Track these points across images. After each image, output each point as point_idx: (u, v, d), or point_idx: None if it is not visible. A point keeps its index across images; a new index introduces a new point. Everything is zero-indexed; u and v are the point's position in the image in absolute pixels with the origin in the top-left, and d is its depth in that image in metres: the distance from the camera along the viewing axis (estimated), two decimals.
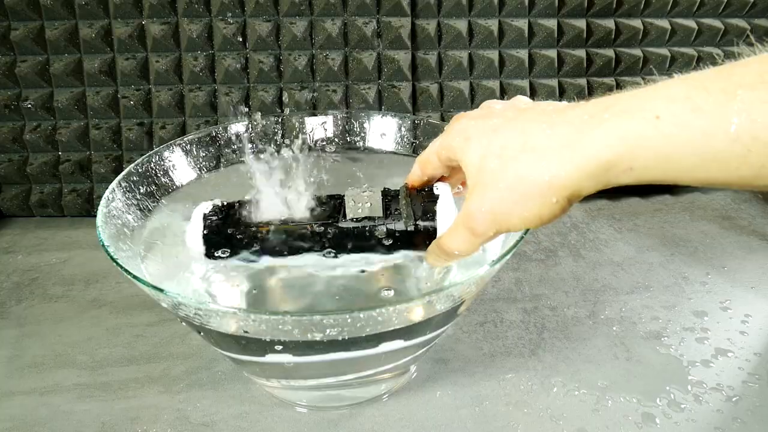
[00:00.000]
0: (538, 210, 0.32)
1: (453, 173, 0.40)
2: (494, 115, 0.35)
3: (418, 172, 0.40)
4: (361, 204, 0.40)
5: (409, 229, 0.39)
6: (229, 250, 0.40)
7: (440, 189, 0.40)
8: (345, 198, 0.41)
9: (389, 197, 0.41)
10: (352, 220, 0.40)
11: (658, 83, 0.29)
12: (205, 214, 0.41)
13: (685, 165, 0.27)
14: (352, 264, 0.41)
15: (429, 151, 0.39)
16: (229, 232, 0.40)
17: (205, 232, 0.40)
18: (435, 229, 0.39)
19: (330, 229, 0.40)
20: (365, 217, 0.40)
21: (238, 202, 0.42)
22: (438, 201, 0.40)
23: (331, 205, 0.41)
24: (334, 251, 0.40)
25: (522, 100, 0.36)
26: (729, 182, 0.27)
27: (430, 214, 0.39)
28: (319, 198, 0.42)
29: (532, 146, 0.31)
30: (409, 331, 0.36)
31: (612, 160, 0.29)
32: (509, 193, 0.32)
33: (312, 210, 0.41)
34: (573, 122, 0.30)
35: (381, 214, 0.40)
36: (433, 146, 0.38)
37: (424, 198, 0.40)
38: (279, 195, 0.41)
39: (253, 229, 0.40)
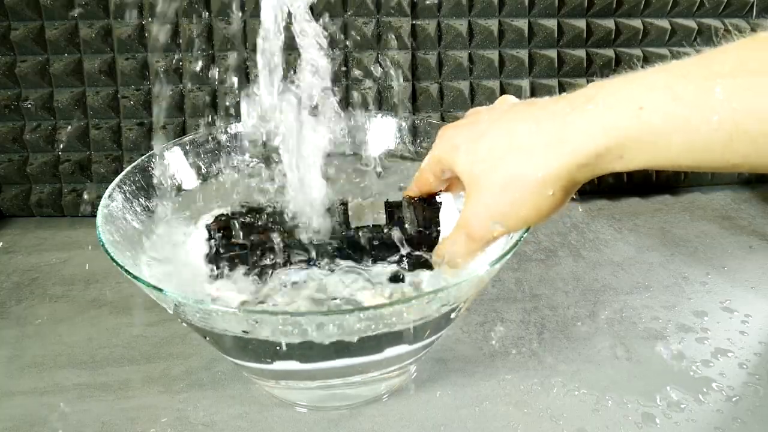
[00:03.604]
0: (534, 206, 0.31)
1: (453, 183, 0.40)
2: (479, 121, 0.35)
3: (415, 190, 0.40)
4: (365, 214, 0.41)
5: (413, 235, 0.39)
6: (233, 262, 0.40)
7: (442, 197, 0.40)
8: (348, 208, 0.41)
9: (392, 207, 0.41)
10: (356, 229, 0.40)
11: (638, 72, 0.29)
12: (208, 225, 0.41)
13: (673, 152, 0.28)
14: (356, 273, 0.41)
15: (422, 168, 0.39)
16: (233, 243, 0.40)
17: (209, 243, 0.40)
18: (439, 234, 0.39)
19: (334, 239, 0.40)
20: (369, 226, 0.40)
21: (242, 211, 0.42)
22: (440, 208, 0.40)
23: (335, 215, 0.41)
24: (338, 260, 0.40)
25: (507, 101, 0.36)
26: (720, 167, 0.28)
27: (433, 220, 0.40)
28: (323, 208, 0.42)
29: (518, 145, 0.31)
30: (410, 332, 0.36)
31: (600, 150, 0.29)
32: (503, 195, 0.32)
33: (316, 220, 0.41)
34: (557, 116, 0.30)
35: (385, 223, 0.40)
36: (426, 162, 0.38)
37: (426, 206, 0.40)
38: (282, 204, 0.41)
39: (256, 240, 0.40)
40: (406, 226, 0.40)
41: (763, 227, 0.66)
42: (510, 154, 0.31)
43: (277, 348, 0.34)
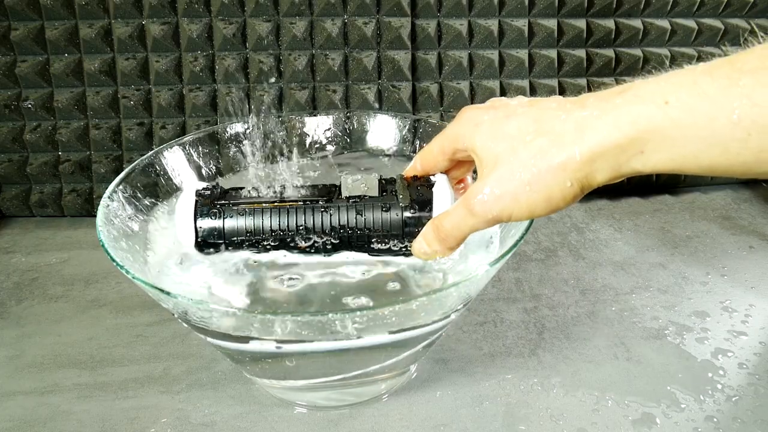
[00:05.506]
0: (547, 193, 0.31)
1: (453, 168, 0.40)
2: (506, 105, 0.35)
3: (417, 166, 0.40)
4: (358, 185, 0.40)
5: (403, 206, 0.39)
6: (221, 238, 0.39)
7: (437, 177, 0.40)
8: (341, 179, 0.41)
9: (385, 182, 0.41)
10: (347, 198, 0.40)
11: (669, 72, 0.30)
12: (197, 191, 0.40)
13: (691, 149, 0.28)
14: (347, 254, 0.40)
15: (432, 144, 0.38)
16: (219, 207, 0.39)
17: (196, 212, 0.39)
18: (431, 209, 0.39)
19: (326, 208, 0.39)
20: (361, 195, 0.40)
21: (228, 189, 0.41)
22: (434, 186, 0.39)
23: (328, 189, 0.41)
24: (329, 236, 0.40)
25: (525, 99, 0.36)
26: (732, 168, 0.28)
27: (426, 196, 0.39)
28: (315, 185, 0.41)
29: (546, 130, 0.31)
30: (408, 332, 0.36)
31: (624, 142, 0.29)
32: (518, 174, 0.32)
33: (307, 192, 0.41)
34: (587, 107, 0.31)
35: (377, 194, 0.40)
36: (437, 138, 0.38)
37: (419, 184, 0.40)
38: (273, 188, 0.41)
39: (245, 207, 0.39)
40: (399, 197, 0.39)
41: (763, 227, 0.66)
42: (537, 138, 0.32)
43: (277, 347, 0.34)
